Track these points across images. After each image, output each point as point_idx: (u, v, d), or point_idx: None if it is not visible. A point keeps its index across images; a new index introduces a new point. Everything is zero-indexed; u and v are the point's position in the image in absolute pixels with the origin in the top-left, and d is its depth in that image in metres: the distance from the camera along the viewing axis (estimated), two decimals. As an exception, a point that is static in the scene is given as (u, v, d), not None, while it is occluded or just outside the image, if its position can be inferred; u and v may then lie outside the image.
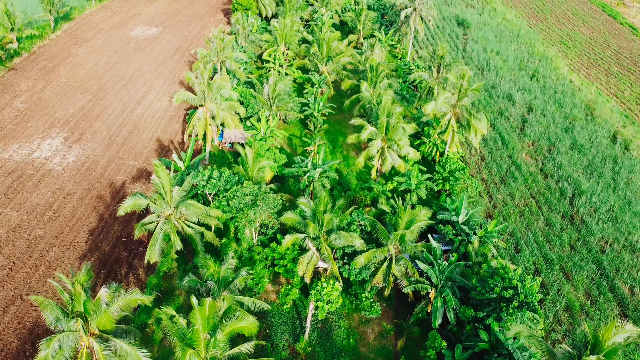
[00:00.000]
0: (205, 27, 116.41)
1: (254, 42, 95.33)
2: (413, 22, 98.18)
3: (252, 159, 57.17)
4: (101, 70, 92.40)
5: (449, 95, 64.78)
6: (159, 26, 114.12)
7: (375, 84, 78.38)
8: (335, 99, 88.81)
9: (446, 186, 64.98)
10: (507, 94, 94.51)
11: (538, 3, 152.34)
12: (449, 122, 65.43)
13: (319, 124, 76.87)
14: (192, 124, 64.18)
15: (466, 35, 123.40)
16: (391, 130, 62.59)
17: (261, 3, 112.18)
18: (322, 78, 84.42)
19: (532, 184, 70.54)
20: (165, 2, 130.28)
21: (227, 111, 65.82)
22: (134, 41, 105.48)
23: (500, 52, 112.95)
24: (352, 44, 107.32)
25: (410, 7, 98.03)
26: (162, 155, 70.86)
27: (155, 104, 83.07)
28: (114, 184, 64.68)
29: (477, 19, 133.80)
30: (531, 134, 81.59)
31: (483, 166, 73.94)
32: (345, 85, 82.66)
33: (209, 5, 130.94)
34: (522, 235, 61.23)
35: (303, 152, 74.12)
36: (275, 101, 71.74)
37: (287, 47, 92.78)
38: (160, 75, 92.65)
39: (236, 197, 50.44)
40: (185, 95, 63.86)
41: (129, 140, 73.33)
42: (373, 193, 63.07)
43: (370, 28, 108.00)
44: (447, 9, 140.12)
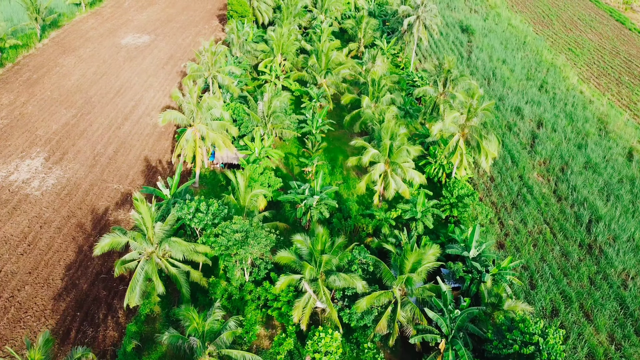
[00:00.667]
0: (200, 34, 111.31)
1: (250, 52, 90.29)
2: (416, 31, 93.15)
3: (244, 186, 52.18)
4: (88, 81, 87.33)
5: (457, 115, 59.79)
6: (151, 34, 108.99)
7: (377, 98, 73.40)
8: (334, 112, 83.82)
9: (454, 212, 60.02)
10: (515, 107, 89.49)
11: (544, 8, 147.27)
12: (457, 144, 60.45)
13: (317, 142, 71.87)
14: (180, 145, 59.18)
15: (471, 42, 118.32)
16: (395, 153, 57.64)
17: (257, 10, 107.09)
18: (321, 92, 79.39)
19: (545, 209, 65.56)
20: (159, 8, 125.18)
21: (217, 132, 60.81)
22: (124, 50, 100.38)
23: (506, 60, 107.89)
24: (352, 53, 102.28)
25: (413, 15, 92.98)
26: (149, 178, 65.85)
27: (144, 120, 78.03)
28: (96, 210, 59.67)
29: (482, 25, 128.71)
30: (542, 152, 76.58)
31: (492, 188, 68.93)
32: (345, 99, 77.66)
33: (204, 10, 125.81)
34: (537, 268, 56.25)
35: (300, 173, 69.15)
36: (270, 119, 66.74)
37: (284, 57, 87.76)
38: (150, 87, 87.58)
39: (225, 234, 45.44)
40: (172, 115, 58.85)
41: (114, 161, 68.29)
42: (375, 221, 58.13)
43: (372, 36, 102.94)
44: (451, 15, 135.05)
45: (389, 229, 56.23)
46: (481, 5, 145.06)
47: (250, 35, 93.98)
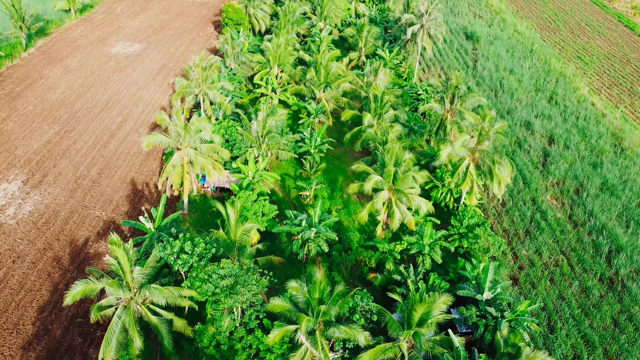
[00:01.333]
0: (194, 42, 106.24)
1: (245, 63, 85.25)
2: (420, 40, 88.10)
3: (234, 220, 47.21)
4: (74, 95, 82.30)
5: (467, 138, 54.79)
6: (143, 42, 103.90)
7: (380, 115, 68.37)
8: (334, 128, 78.85)
9: (464, 243, 55.08)
10: (525, 121, 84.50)
11: (550, 13, 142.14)
12: (467, 170, 55.45)
13: (315, 162, 66.90)
14: (167, 171, 54.18)
15: (476, 50, 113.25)
16: (400, 180, 52.69)
17: (254, 17, 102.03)
18: (320, 107, 74.38)
19: (561, 237, 60.60)
20: (152, 14, 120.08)
21: (207, 156, 55.84)
22: (114, 60, 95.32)
23: (513, 70, 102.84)
24: (353, 63, 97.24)
25: (417, 23, 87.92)
26: (135, 203, 60.86)
27: (132, 137, 73.03)
28: (75, 241, 54.71)
29: (487, 31, 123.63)
30: (555, 172, 71.59)
31: (504, 213, 63.94)
32: (346, 116, 72.63)
33: (199, 17, 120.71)
34: (555, 308, 51.30)
35: (298, 197, 64.19)
36: (265, 139, 61.73)
37: (280, 69, 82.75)
38: (139, 100, 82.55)
39: (211, 280, 40.50)
40: (157, 138, 53.84)
41: (98, 184, 63.30)
42: (378, 254, 53.17)
43: (373, 45, 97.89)
44: (455, 20, 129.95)
45: (393, 264, 51.30)
46: (486, 10, 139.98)
47: (245, 45, 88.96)
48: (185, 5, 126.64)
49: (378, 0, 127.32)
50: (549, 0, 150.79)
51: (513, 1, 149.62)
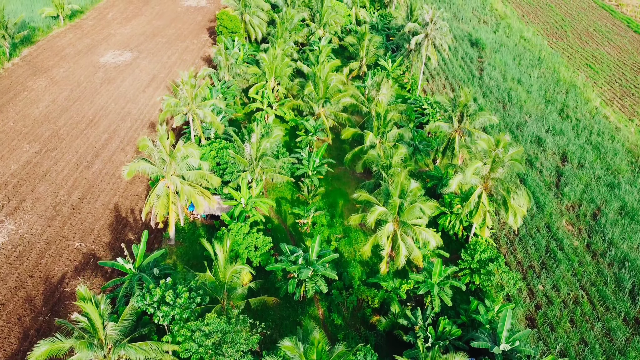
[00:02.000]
0: (187, 50, 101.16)
1: (239, 75, 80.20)
2: (425, 50, 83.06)
3: (223, 260, 42.31)
4: (58, 109, 77.28)
5: (480, 165, 49.81)
6: (134, 50, 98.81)
7: (383, 134, 63.41)
8: (334, 145, 73.86)
9: (475, 279, 50.19)
10: (535, 137, 79.52)
11: (556, 18, 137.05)
12: (480, 199, 50.48)
13: (314, 186, 61.94)
14: (150, 202, 49.20)
15: (481, 58, 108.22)
16: (406, 212, 47.77)
17: (250, 25, 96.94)
18: (318, 124, 69.38)
19: (580, 269, 55.68)
20: (145, 20, 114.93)
21: (195, 184, 50.89)
22: (103, 70, 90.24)
23: (521, 80, 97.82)
24: (353, 73, 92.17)
25: (421, 33, 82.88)
26: (117, 233, 55.90)
27: (117, 157, 68.03)
28: (50, 278, 49.77)
29: (492, 37, 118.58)
30: (570, 194, 66.64)
31: (517, 242, 58.99)
32: (346, 134, 67.61)
33: (194, 23, 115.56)
34: (577, 354, 46.39)
35: (295, 224, 59.22)
36: (259, 163, 56.74)
37: (277, 81, 77.73)
38: (127, 115, 77.52)
39: (195, 337, 35.58)
40: (140, 166, 48.86)
41: (79, 211, 58.31)
42: (382, 293, 48.30)
43: (375, 54, 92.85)
44: (459, 26, 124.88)
45: (399, 306, 46.40)
46: (490, 15, 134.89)
47: (240, 56, 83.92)
48: (179, 11, 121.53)
49: (379, 6, 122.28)
50: (555, 5, 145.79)
51: (518, 6, 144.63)
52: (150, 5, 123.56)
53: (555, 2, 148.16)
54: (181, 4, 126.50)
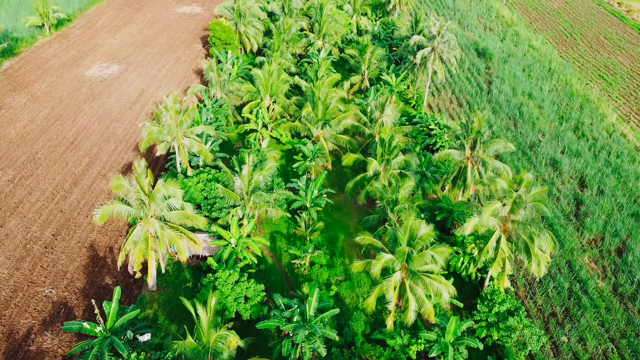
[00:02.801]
0: (179, 62, 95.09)
1: (232, 92, 74.18)
2: (431, 64, 77.00)
3: (207, 324, 36.41)
4: (37, 129, 71.29)
5: (499, 206, 43.85)
6: (122, 62, 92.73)
7: (388, 161, 57.46)
8: (334, 168, 67.87)
9: (493, 334, 44.27)
10: (550, 158, 73.53)
11: (565, 25, 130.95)
12: (499, 245, 44.52)
13: (311, 219, 55.97)
14: (126, 249, 43.23)
15: (489, 69, 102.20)
16: (415, 260, 41.87)
17: (245, 35, 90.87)
18: (317, 149, 63.39)
19: (607, 316, 49.76)
20: (136, 29, 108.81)
21: (178, 227, 44.97)
22: (88, 84, 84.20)
23: (532, 94, 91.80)
24: (354, 88, 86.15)
25: (427, 46, 76.83)
26: (93, 276, 49.96)
27: (98, 184, 62.07)
28: (14, 333, 43.82)
29: (500, 47, 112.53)
30: (591, 226, 60.70)
31: (536, 285, 53.02)
32: (347, 160, 61.59)
33: (187, 31, 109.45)
34: None
35: (290, 264, 53.28)
36: (251, 197, 50.76)
37: (273, 99, 71.72)
38: (112, 136, 71.52)
39: None
40: (115, 208, 42.89)
41: (51, 250, 52.36)
42: (389, 352, 42.37)
43: (377, 67, 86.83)
44: (464, 34, 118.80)
45: (408, 370, 40.52)
46: (496, 22, 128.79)
47: (234, 71, 77.91)
48: (172, 19, 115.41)
49: (381, 13, 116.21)
50: (563, 11, 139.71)
51: (525, 12, 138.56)
52: (142, 13, 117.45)
53: (563, 8, 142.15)
54: (174, 10, 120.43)
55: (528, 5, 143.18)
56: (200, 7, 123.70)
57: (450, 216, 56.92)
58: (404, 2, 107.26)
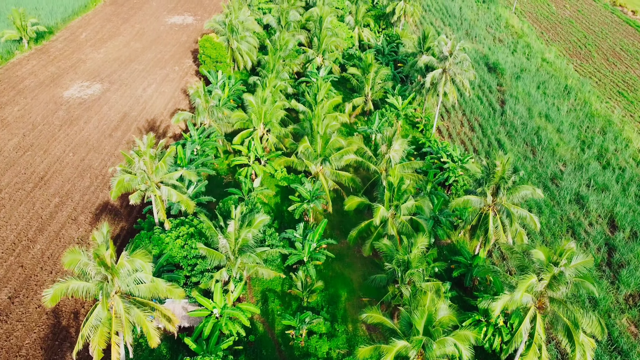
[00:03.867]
0: (167, 79, 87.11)
1: (222, 120, 66.24)
2: (442, 87, 69.07)
3: None
4: (4, 162, 63.35)
5: (534, 281, 35.99)
6: (105, 80, 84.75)
7: (397, 207, 49.67)
8: (334, 206, 59.99)
9: None
10: (574, 193, 65.67)
11: (578, 36, 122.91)
12: (534, 325, 36.68)
13: (309, 277, 48.15)
14: (84, 335, 35.34)
15: (501, 86, 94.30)
16: (434, 350, 34.04)
17: (237, 52, 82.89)
18: (315, 189, 55.49)
19: (657, 400, 42.01)
20: (123, 41, 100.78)
21: (148, 302, 37.13)
22: (65, 107, 76.26)
23: (550, 115, 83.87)
24: (357, 110, 78.24)
25: (439, 67, 68.91)
26: (52, 352, 42.08)
27: (67, 231, 54.18)
28: None
29: (511, 60, 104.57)
30: (628, 280, 52.86)
31: (571, 358, 45.15)
32: (350, 204, 53.60)
33: (177, 44, 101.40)
34: None
35: (284, 333, 45.46)
36: (238, 257, 42.90)
37: (267, 128, 63.87)
38: (87, 169, 63.63)
39: None
40: (71, 285, 35.02)
41: (6, 318, 44.45)
42: None
43: (382, 88, 78.90)
44: (473, 46, 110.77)
45: None
46: (506, 32, 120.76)
47: (224, 94, 70.06)
48: (162, 30, 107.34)
49: (385, 24, 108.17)
50: (575, 20, 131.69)
51: (535, 21, 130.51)
52: (130, 24, 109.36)
53: (575, 17, 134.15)
54: (165, 21, 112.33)
55: (538, 14, 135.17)
56: (193, 16, 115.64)
57: (469, 272, 49.13)
58: (409, 14, 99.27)
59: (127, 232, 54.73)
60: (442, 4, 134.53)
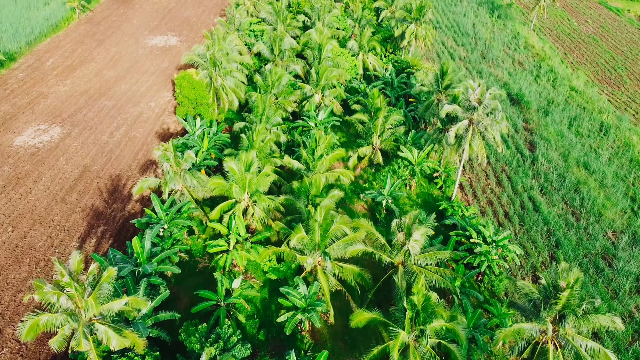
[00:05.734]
0: (141, 118, 73.31)
1: (197, 187, 52.45)
2: (468, 141, 55.29)
3: None
4: None
5: None
6: (66, 122, 71.02)
7: (421, 331, 36.14)
8: (337, 308, 46.42)
9: None
10: (635, 277, 52.08)
11: (606, 57, 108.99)
12: None
13: None
14: None
15: (528, 123, 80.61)
16: None
17: (222, 90, 69.06)
18: (312, 293, 41.87)
19: None
20: (94, 69, 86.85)
21: None
22: (13, 160, 62.57)
23: (589, 163, 70.20)
24: (363, 162, 64.56)
25: (464, 118, 55.18)
26: None
27: (-14, 354, 40.58)
28: None
29: (536, 90, 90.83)
30: None
31: None
32: (358, 320, 39.58)
33: (157, 72, 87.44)
34: None
35: None
36: None
37: (252, 200, 50.22)
38: (27, 252, 49.94)
39: None
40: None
41: None
42: None
43: (392, 135, 65.21)
44: (490, 70, 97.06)
45: None
46: (526, 54, 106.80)
47: (204, 146, 56.49)
48: (140, 54, 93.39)
49: (392, 47, 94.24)
50: (600, 38, 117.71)
51: (557, 40, 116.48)
52: (105, 47, 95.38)
53: (599, 34, 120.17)
54: (145, 43, 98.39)
55: (559, 31, 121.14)
56: (177, 37, 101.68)
57: None
58: (420, 38, 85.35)
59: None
60: (453, 20, 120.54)
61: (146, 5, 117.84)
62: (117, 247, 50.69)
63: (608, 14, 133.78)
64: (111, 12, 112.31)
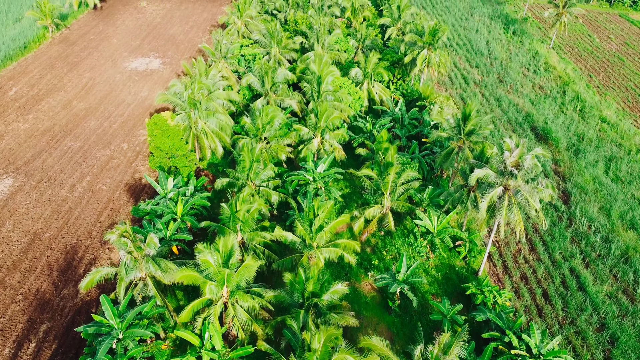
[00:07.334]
0: (109, 165, 61.82)
1: (169, 270, 40.97)
2: (504, 213, 43.78)
3: None
4: None
5: None
6: (20, 171, 59.53)
7: None
8: None
9: None
10: None
11: (634, 78, 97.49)
12: None
13: None
14: None
15: (558, 165, 69.20)
16: None
17: (203, 134, 57.54)
18: None
19: None
20: (62, 101, 75.29)
21: None
22: (-51, 226, 51.10)
23: (636, 222, 58.82)
24: (370, 226, 52.92)
25: (497, 184, 43.77)
26: None
27: None
28: None
29: (562, 121, 79.37)
30: None
31: None
32: None
33: (134, 103, 75.79)
34: None
35: None
36: None
37: (235, 298, 38.77)
38: (-56, 366, 38.53)
39: None
40: None
41: None
42: None
43: (405, 192, 53.71)
44: (508, 97, 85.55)
45: None
46: (547, 77, 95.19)
47: (170, 227, 45.11)
48: (117, 81, 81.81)
49: (400, 73, 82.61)
50: (626, 57, 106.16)
51: (579, 59, 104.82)
52: (78, 71, 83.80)
53: (624, 52, 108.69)
54: (124, 66, 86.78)
55: (580, 48, 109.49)
56: (160, 59, 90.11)
57: None
58: (434, 65, 73.80)
59: None
60: (465, 37, 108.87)
61: (129, 20, 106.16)
62: (61, 356, 39.31)
63: (631, 29, 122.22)
64: (89, 29, 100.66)
